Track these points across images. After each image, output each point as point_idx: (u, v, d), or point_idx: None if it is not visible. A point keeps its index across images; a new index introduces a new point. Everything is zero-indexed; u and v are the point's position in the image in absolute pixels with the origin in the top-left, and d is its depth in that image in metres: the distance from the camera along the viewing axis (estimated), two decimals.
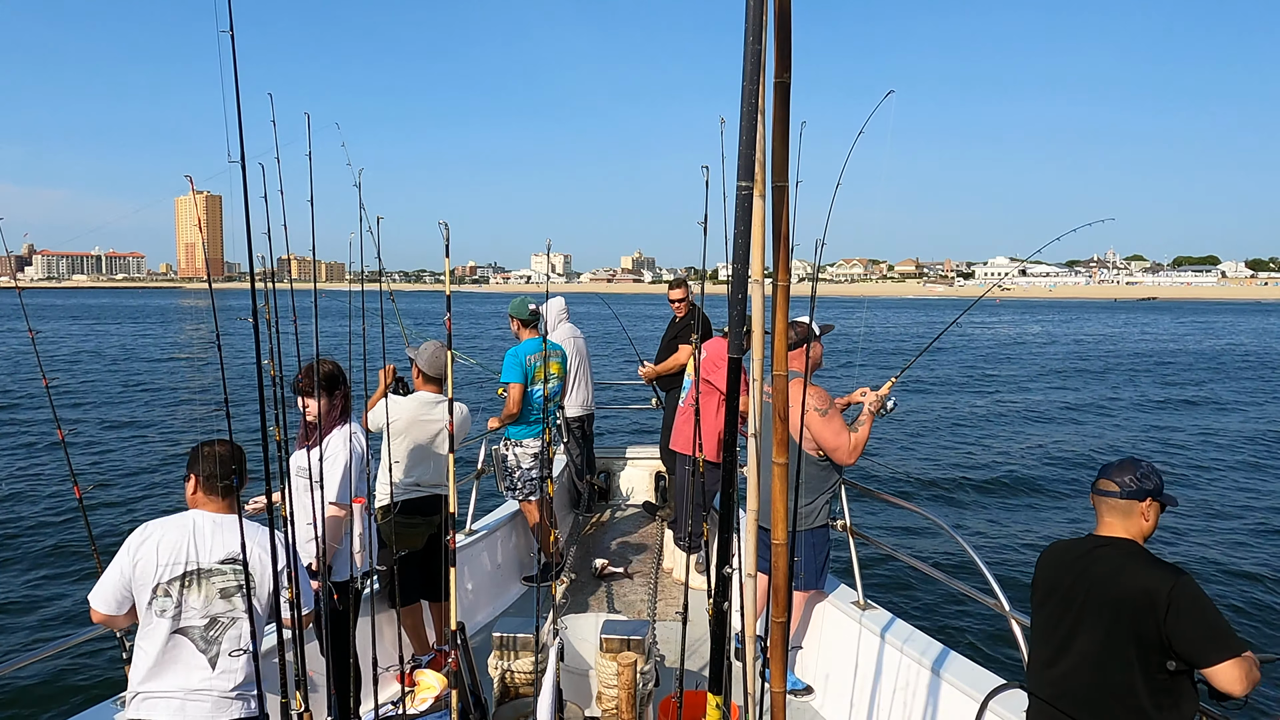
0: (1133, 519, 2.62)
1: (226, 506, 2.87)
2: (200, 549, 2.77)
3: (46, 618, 8.30)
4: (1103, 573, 2.58)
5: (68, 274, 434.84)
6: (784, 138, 1.89)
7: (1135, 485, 2.61)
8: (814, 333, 4.43)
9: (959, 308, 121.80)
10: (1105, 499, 2.67)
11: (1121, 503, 2.63)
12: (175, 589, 2.73)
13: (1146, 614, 2.43)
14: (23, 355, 34.52)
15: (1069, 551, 2.74)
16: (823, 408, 4.19)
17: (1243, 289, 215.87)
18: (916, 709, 3.94)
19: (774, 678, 2.26)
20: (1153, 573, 2.48)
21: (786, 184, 1.93)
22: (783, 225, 1.96)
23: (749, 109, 1.72)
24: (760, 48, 1.71)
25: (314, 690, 3.59)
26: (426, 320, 34.48)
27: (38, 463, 14.76)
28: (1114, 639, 2.50)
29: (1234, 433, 18.81)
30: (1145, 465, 2.66)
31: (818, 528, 4.46)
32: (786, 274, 2.02)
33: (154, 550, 2.74)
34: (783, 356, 2.06)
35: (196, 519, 2.82)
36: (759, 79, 1.74)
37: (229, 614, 2.77)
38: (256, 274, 2.42)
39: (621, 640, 3.73)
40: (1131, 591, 2.47)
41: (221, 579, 2.76)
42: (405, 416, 4.54)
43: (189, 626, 2.73)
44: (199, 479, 2.85)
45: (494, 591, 5.98)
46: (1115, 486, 2.63)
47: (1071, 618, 2.63)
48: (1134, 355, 39.33)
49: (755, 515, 2.34)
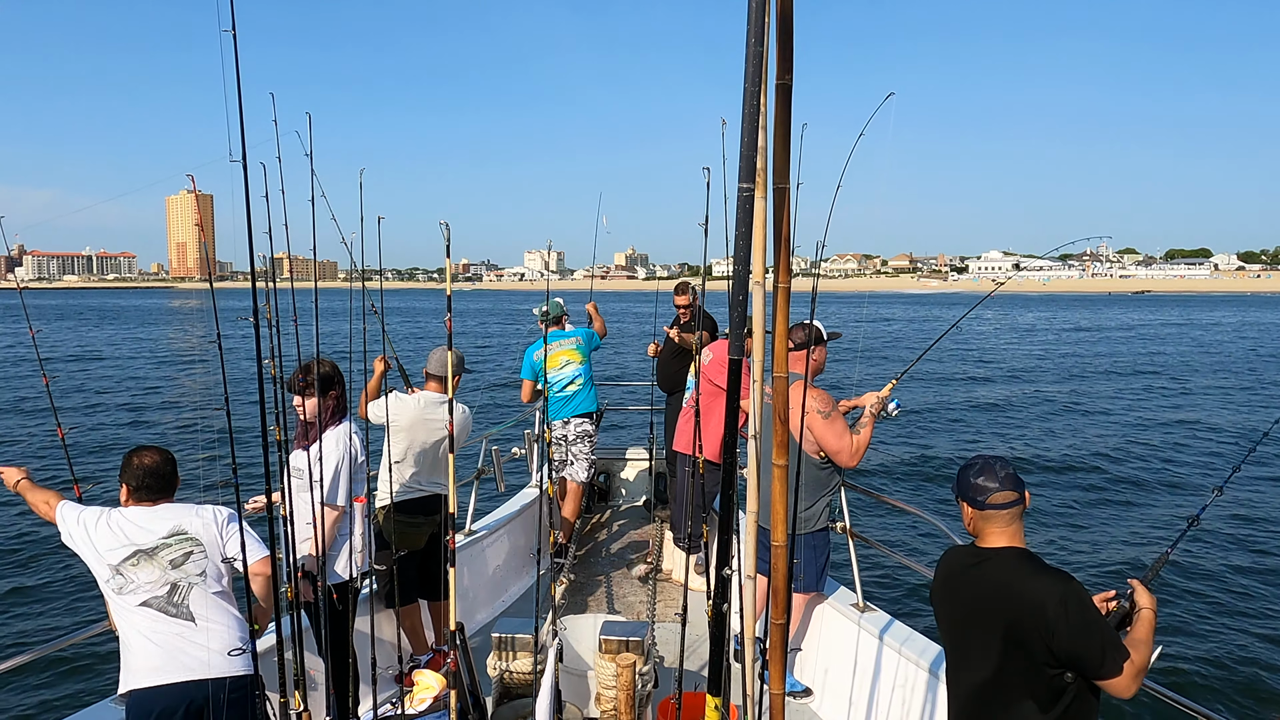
0: (1017, 525, 2.50)
1: (151, 505, 3.09)
2: (138, 533, 2.98)
3: (44, 617, 8.30)
4: (988, 589, 2.45)
5: (59, 274, 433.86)
6: (785, 140, 1.89)
7: (1016, 495, 2.47)
8: (822, 336, 4.44)
9: (954, 302, 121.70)
10: (1001, 511, 2.49)
11: (1013, 511, 2.49)
12: (127, 569, 2.94)
13: (1036, 629, 2.31)
14: (20, 356, 34.53)
15: (959, 561, 2.60)
16: (825, 410, 4.19)
17: (1235, 281, 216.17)
18: (915, 711, 3.94)
19: (773, 679, 2.26)
20: (1040, 582, 2.35)
21: (787, 186, 1.93)
22: (783, 227, 1.97)
23: (750, 111, 1.72)
24: (762, 50, 1.71)
25: (313, 689, 3.59)
26: (419, 317, 34.38)
27: (38, 462, 14.76)
28: (1007, 658, 2.39)
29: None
30: (1005, 464, 2.51)
31: (818, 530, 4.46)
32: (787, 275, 2.02)
33: (90, 546, 2.97)
34: (783, 358, 2.06)
35: (122, 516, 3.03)
36: (760, 81, 1.74)
37: (185, 579, 3.00)
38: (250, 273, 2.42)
39: (620, 641, 3.73)
40: (1021, 605, 2.35)
41: (168, 551, 3.00)
42: (408, 415, 4.54)
43: (151, 599, 2.94)
44: (129, 489, 3.07)
45: (493, 592, 5.98)
46: (1003, 498, 2.47)
47: (966, 634, 2.52)
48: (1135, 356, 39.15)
49: (755, 516, 2.34)
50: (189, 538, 3.02)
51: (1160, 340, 47.24)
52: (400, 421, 4.52)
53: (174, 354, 39.10)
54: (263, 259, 2.53)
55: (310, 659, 3.49)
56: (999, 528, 2.49)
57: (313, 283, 3.13)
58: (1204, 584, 9.50)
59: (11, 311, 71.87)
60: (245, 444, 2.90)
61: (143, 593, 2.94)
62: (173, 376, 30.03)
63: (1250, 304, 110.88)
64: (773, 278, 2.01)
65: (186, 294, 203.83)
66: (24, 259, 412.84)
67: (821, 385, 4.81)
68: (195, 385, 27.56)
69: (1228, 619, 8.62)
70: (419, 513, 4.59)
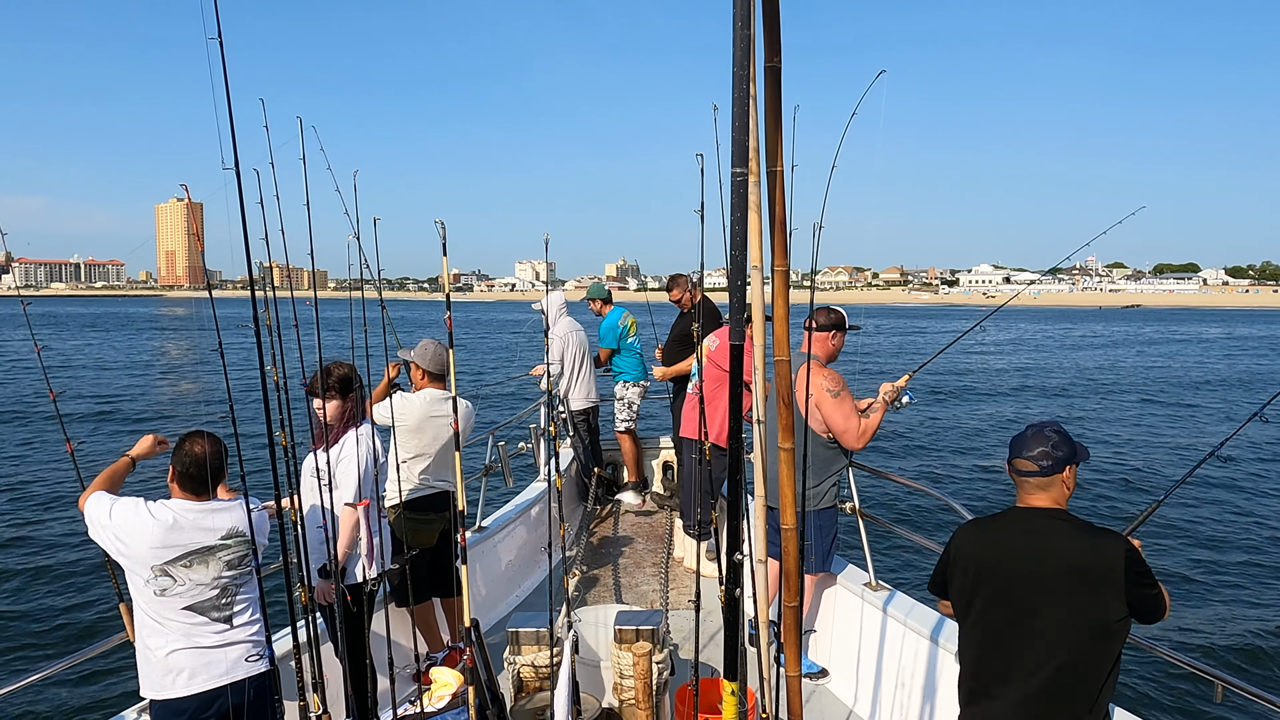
0: (1055, 488, 2.54)
1: (198, 499, 3.01)
2: (195, 532, 2.91)
3: (61, 632, 8.34)
4: (1045, 548, 2.46)
5: (46, 282, 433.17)
6: (776, 122, 1.89)
7: (1050, 461, 2.52)
8: (843, 322, 4.51)
9: (945, 315, 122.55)
10: (1026, 479, 2.56)
11: (1044, 479, 2.54)
12: (177, 569, 2.87)
13: (1106, 582, 2.35)
14: (20, 366, 34.53)
15: (995, 530, 2.59)
16: (835, 389, 4.20)
17: (1224, 296, 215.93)
18: (933, 687, 3.95)
19: (789, 662, 2.27)
20: (1100, 539, 2.41)
21: (781, 169, 1.93)
22: (778, 210, 1.96)
23: (740, 95, 1.71)
24: (749, 33, 1.70)
25: (331, 691, 3.61)
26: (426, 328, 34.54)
27: (46, 475, 14.81)
28: (1077, 612, 2.38)
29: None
30: (1053, 434, 2.55)
31: (824, 509, 4.47)
32: (785, 258, 2.01)
33: (143, 541, 2.86)
34: (784, 341, 2.06)
35: (177, 510, 2.93)
36: (749, 64, 1.74)
37: (236, 580, 2.99)
38: (243, 282, 2.42)
39: (635, 631, 3.74)
40: (1087, 561, 2.38)
41: (227, 552, 2.96)
42: (415, 414, 4.56)
43: (198, 601, 2.90)
44: (176, 470, 2.99)
45: (506, 587, 6.00)
46: (1034, 466, 2.53)
47: (1017, 606, 2.47)
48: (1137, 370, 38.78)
49: (764, 499, 2.34)
50: (246, 539, 2.99)
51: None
52: (408, 422, 4.53)
53: (171, 361, 39.12)
54: (259, 265, 2.53)
55: (327, 661, 3.51)
56: (1036, 491, 2.57)
57: (311, 291, 3.13)
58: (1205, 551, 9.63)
59: (3, 320, 71.86)
60: (254, 449, 2.92)
61: (189, 596, 2.89)
62: (175, 383, 30.08)
63: (1258, 319, 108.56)
64: (770, 261, 2.01)
65: (175, 302, 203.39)
66: (11, 266, 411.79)
67: None
68: (193, 388, 27.59)
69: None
70: (429, 510, 4.61)
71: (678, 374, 7.22)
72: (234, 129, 2.22)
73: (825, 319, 4.45)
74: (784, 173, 1.94)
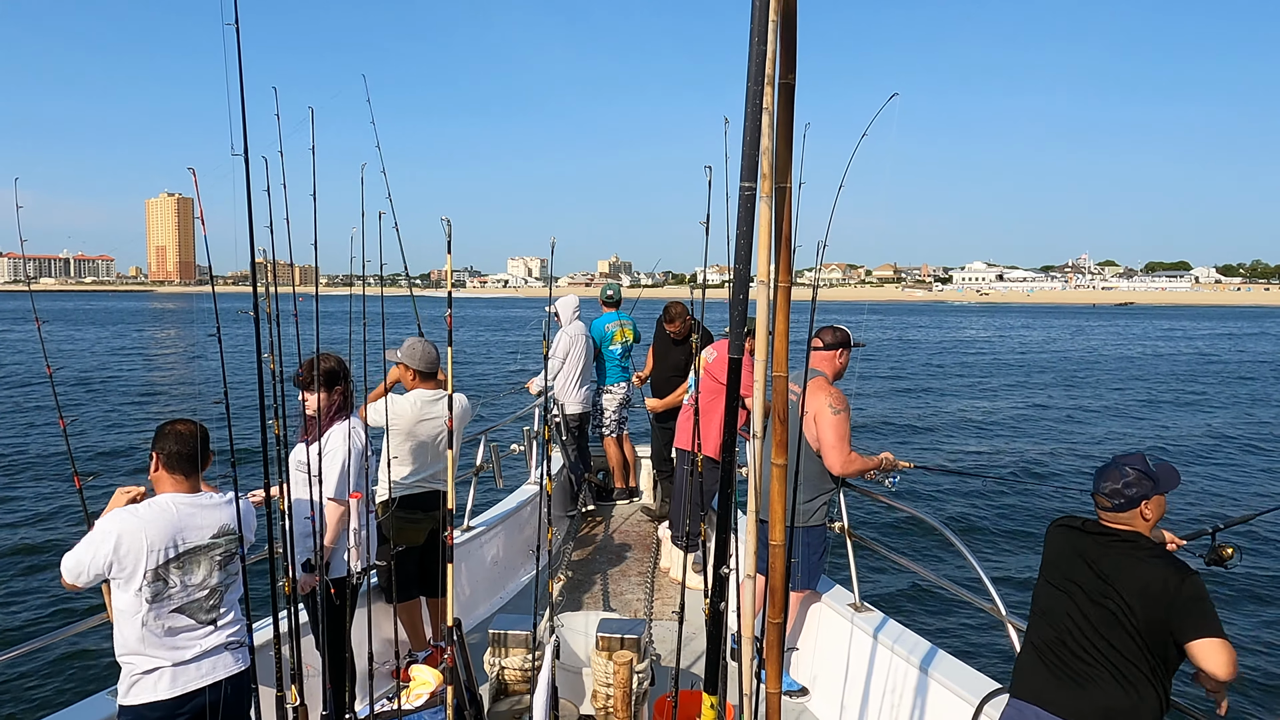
0: (1134, 521, 2.64)
1: (189, 486, 2.94)
2: (190, 530, 2.86)
3: (42, 609, 8.30)
4: (1111, 565, 2.60)
5: (36, 276, 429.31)
6: (788, 139, 1.89)
7: (1123, 499, 2.61)
8: (848, 340, 4.55)
9: (939, 312, 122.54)
10: (1102, 511, 2.70)
11: (1117, 514, 2.65)
12: (171, 572, 2.81)
13: (1157, 599, 2.46)
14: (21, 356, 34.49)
15: (1078, 534, 2.76)
16: (838, 407, 4.24)
17: (1216, 294, 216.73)
18: (912, 712, 3.94)
19: (769, 678, 2.26)
20: (1165, 565, 2.52)
21: (789, 185, 1.93)
22: (784, 227, 1.97)
23: (753, 110, 1.72)
24: (765, 49, 1.71)
25: (309, 683, 3.59)
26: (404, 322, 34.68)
27: (39, 455, 14.77)
28: (1122, 615, 2.53)
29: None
30: (1130, 471, 2.63)
31: (813, 526, 4.47)
32: (788, 275, 2.02)
33: (142, 540, 2.76)
34: (783, 357, 2.06)
35: (173, 503, 2.87)
36: (764, 80, 1.74)
37: (225, 581, 2.95)
38: (239, 276, 2.42)
39: (617, 639, 3.73)
40: (1145, 579, 2.50)
41: (218, 551, 2.92)
42: (407, 415, 4.54)
43: (190, 603, 2.85)
44: (160, 457, 2.92)
45: (491, 588, 5.98)
46: (1107, 502, 2.65)
47: (1075, 600, 2.66)
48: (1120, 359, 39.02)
49: (755, 514, 2.34)
50: (234, 536, 2.93)
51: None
52: (400, 424, 4.52)
53: (164, 351, 39.03)
54: (261, 252, 2.53)
55: (307, 653, 3.49)
56: (1108, 517, 2.68)
57: (313, 287, 3.12)
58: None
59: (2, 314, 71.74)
60: (246, 438, 2.90)
61: (179, 599, 2.82)
62: (170, 372, 30.00)
63: (1263, 316, 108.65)
64: (773, 277, 2.01)
65: (166, 297, 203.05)
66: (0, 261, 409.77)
67: None
68: (187, 373, 27.53)
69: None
70: (418, 509, 4.59)
71: (669, 406, 7.13)
72: (245, 115, 2.22)
73: (832, 337, 4.51)
74: (792, 190, 1.95)
